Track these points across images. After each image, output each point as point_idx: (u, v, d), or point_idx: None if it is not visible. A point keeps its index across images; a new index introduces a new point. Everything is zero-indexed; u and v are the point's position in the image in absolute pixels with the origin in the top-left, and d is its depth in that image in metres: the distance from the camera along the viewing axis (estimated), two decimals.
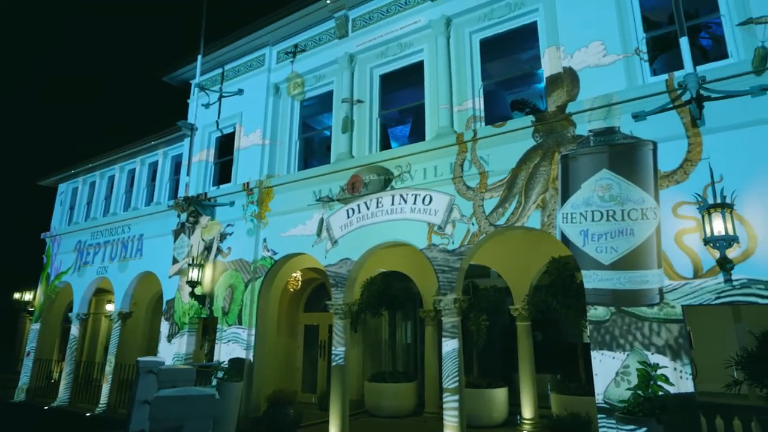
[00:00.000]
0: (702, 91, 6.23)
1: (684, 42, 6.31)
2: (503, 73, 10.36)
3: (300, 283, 12.75)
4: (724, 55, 6.85)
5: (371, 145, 9.89)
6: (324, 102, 11.53)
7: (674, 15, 6.56)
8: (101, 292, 16.76)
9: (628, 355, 6.29)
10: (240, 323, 10.26)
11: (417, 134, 10.92)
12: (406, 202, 8.79)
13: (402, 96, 11.38)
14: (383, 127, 11.29)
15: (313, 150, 13.28)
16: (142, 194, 14.60)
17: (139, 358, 8.71)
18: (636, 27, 7.39)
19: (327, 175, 9.92)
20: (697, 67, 6.47)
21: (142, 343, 16.08)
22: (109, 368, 12.94)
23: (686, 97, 6.41)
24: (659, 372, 5.80)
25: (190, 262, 11.19)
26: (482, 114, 8.74)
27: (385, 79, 10.44)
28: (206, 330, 12.23)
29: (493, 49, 9.51)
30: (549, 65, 8.10)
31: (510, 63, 10.49)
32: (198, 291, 11.07)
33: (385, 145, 10.90)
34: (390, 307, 11.68)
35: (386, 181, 9.05)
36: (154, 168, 14.76)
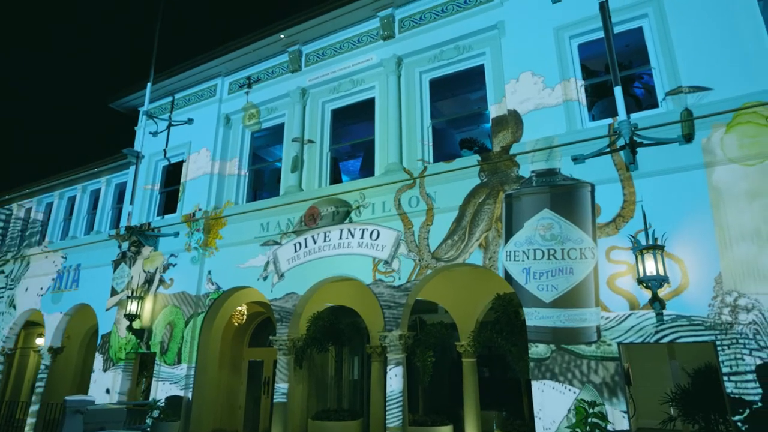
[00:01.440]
0: (635, 138, 6.56)
1: (618, 91, 6.65)
2: (453, 112, 10.66)
3: (245, 317, 12.36)
4: (655, 105, 7.28)
5: (321, 179, 9.87)
6: (276, 134, 11.48)
7: (609, 65, 6.95)
8: (31, 325, 15.68)
9: (576, 393, 6.33)
10: (179, 361, 9.79)
11: (368, 169, 10.99)
12: (353, 236, 8.76)
13: (354, 130, 11.50)
14: (334, 161, 11.31)
15: (264, 182, 13.12)
16: (82, 222, 13.94)
17: (66, 397, 8.13)
18: (576, 75, 7.78)
19: (275, 208, 9.79)
20: (631, 115, 6.81)
21: (74, 380, 15.05)
22: (34, 407, 12.00)
23: (621, 142, 6.74)
24: (597, 409, 5.89)
25: (130, 294, 10.68)
26: (431, 151, 8.90)
27: (337, 113, 10.53)
28: (144, 366, 11.59)
29: (444, 88, 9.80)
30: (495, 107, 8.38)
31: (459, 102, 10.82)
32: (136, 325, 10.54)
33: (336, 179, 10.90)
34: (337, 342, 11.46)
35: (345, 213, 9.00)
36: (96, 195, 14.17)
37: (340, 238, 8.89)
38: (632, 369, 9.46)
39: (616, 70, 6.58)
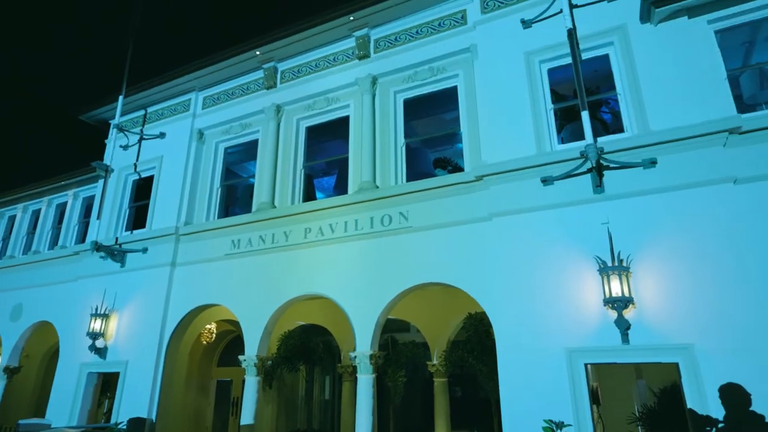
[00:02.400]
0: (602, 161, 6.73)
1: (585, 115, 6.83)
2: (427, 132, 10.76)
3: (214, 335, 12.11)
4: (621, 129, 7.48)
5: (294, 196, 9.81)
6: (249, 150, 11.40)
7: (576, 91, 7.14)
8: None
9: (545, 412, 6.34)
10: (144, 379, 9.49)
11: (342, 186, 10.99)
12: (326, 254, 8.69)
13: (329, 148, 11.50)
14: (309, 178, 11.28)
15: (237, 197, 12.99)
16: (47, 237, 13.52)
17: (20, 421, 7.81)
18: (545, 98, 7.95)
19: (247, 225, 9.68)
20: (598, 139, 7.02)
21: (32, 402, 14.42)
22: None
23: (588, 165, 6.90)
24: (564, 430, 5.90)
25: (94, 312, 10.35)
26: (404, 170, 8.95)
27: (312, 131, 10.53)
28: (107, 386, 11.21)
29: (418, 108, 9.91)
30: (467, 127, 8.50)
31: (434, 122, 10.94)
32: (100, 344, 10.20)
33: (310, 195, 10.86)
34: (308, 361, 11.30)
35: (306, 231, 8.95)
36: (62, 209, 13.78)
37: (312, 256, 8.81)
38: (601, 388, 9.57)
39: (583, 95, 6.76)
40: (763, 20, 7.08)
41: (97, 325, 10.16)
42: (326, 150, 11.69)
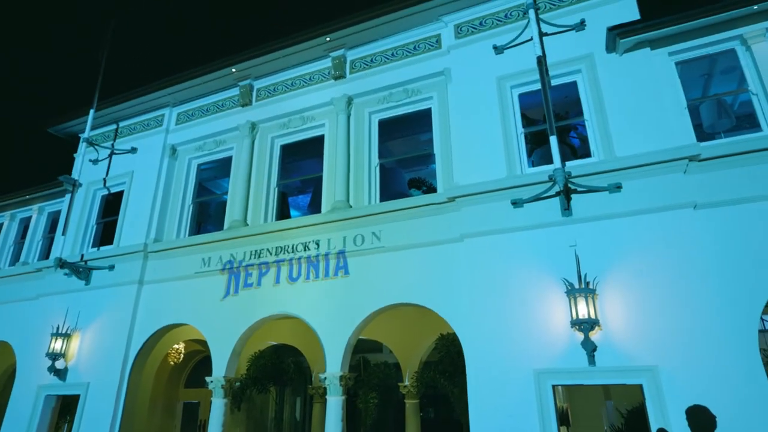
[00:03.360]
0: (569, 185, 6.88)
1: (553, 140, 6.98)
2: (402, 152, 10.85)
3: (182, 355, 11.81)
4: (589, 154, 7.68)
5: (267, 214, 9.73)
6: (224, 166, 11.31)
7: (545, 115, 7.32)
8: None
9: None
10: (105, 402, 9.16)
11: (316, 205, 10.96)
12: (299, 273, 8.62)
13: (304, 166, 11.49)
14: (284, 196, 11.23)
15: (210, 214, 12.83)
16: (8, 252, 13.07)
17: None
18: (516, 122, 8.12)
19: (218, 243, 9.54)
20: (566, 163, 7.18)
21: None
22: None
23: (556, 189, 7.04)
24: None
25: (55, 331, 9.99)
26: (378, 190, 8.99)
27: (287, 149, 10.52)
28: (66, 409, 10.78)
29: (393, 129, 10.01)
30: (441, 149, 8.62)
31: (409, 143, 11.06)
32: (60, 365, 9.83)
33: (285, 213, 10.79)
34: (279, 382, 11.10)
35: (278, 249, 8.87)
36: (26, 224, 13.37)
37: (282, 274, 8.73)
38: (571, 409, 9.64)
39: (551, 120, 6.92)
40: (719, 54, 7.43)
41: (57, 345, 9.81)
42: (301, 168, 11.69)
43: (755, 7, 6.83)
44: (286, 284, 8.66)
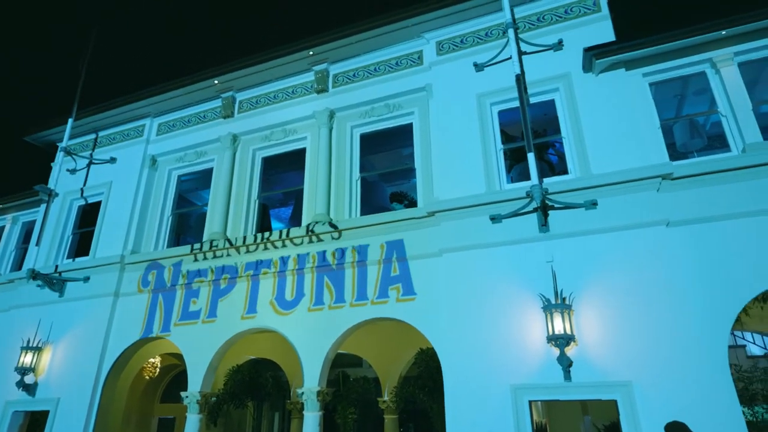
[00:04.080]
0: (547, 201, 6.98)
1: (531, 157, 7.09)
2: (384, 167, 10.89)
3: (158, 369, 11.59)
4: (566, 171, 7.80)
5: (247, 226, 9.67)
6: (204, 178, 11.21)
7: (523, 132, 7.43)
8: None
9: None
10: (76, 418, 8.93)
11: (297, 218, 10.92)
12: (276, 287, 8.56)
13: (285, 178, 11.46)
14: (264, 208, 11.17)
15: (190, 225, 12.69)
16: None
17: None
18: (495, 139, 8.22)
19: (197, 254, 9.43)
20: (544, 180, 7.30)
21: None
22: None
23: (534, 205, 7.13)
24: None
25: (25, 345, 9.73)
26: (359, 204, 9.00)
27: (268, 161, 10.49)
28: (34, 426, 10.46)
29: (375, 143, 10.05)
30: (421, 163, 8.69)
31: (391, 157, 11.10)
32: (29, 379, 9.57)
33: (265, 225, 10.72)
34: (257, 397, 10.94)
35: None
36: None
37: (260, 289, 8.66)
38: (549, 424, 9.66)
39: (529, 137, 7.04)
40: (691, 76, 7.65)
41: (27, 359, 9.55)
42: (283, 181, 11.65)
43: (723, 33, 7.07)
44: (265, 297, 8.58)
